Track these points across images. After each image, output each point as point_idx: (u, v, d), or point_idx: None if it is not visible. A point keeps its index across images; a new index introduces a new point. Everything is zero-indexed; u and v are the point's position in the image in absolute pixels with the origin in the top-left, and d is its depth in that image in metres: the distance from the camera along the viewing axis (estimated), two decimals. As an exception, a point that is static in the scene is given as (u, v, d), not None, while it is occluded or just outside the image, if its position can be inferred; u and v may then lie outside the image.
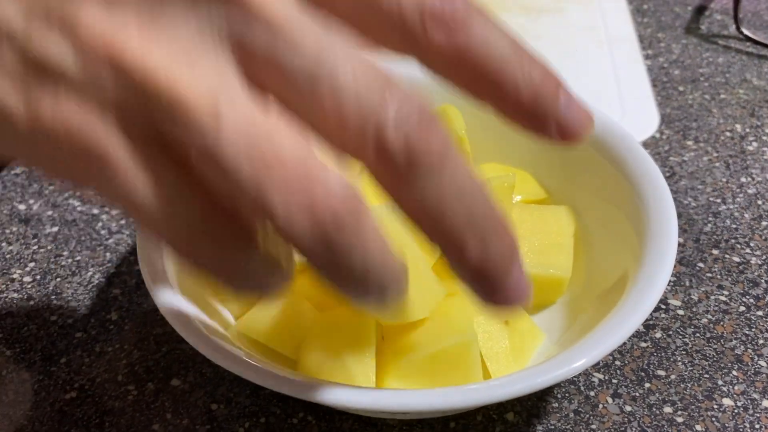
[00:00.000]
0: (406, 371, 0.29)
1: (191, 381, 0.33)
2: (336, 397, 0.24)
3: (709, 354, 0.33)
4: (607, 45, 0.57)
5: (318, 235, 0.17)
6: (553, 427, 0.30)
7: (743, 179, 0.43)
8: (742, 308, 0.35)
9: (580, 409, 0.31)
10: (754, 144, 0.46)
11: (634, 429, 0.30)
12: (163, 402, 0.32)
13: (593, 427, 0.30)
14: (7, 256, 0.40)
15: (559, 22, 0.61)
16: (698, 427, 0.30)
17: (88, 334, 0.35)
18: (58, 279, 0.38)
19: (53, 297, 0.37)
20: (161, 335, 0.35)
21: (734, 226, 0.40)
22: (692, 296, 0.36)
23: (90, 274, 0.39)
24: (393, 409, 0.24)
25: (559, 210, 0.35)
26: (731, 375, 0.32)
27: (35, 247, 0.40)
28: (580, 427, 0.30)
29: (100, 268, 0.39)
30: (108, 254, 0.40)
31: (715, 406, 0.31)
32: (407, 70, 0.38)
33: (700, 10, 0.62)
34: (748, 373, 0.32)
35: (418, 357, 0.29)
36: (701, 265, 0.38)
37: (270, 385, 0.24)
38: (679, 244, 0.39)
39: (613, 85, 0.52)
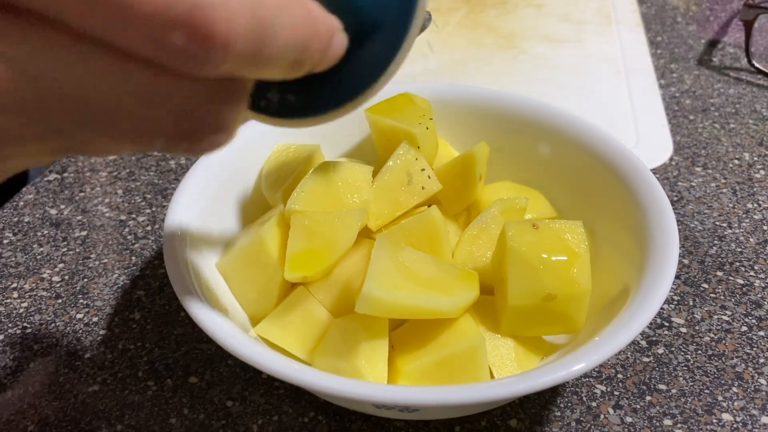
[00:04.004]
0: (416, 376, 0.30)
1: (208, 379, 0.34)
2: (355, 390, 0.25)
3: (710, 371, 0.34)
4: (624, 75, 0.59)
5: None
6: (555, 434, 0.31)
7: (749, 205, 0.44)
8: (744, 328, 0.36)
9: (581, 418, 0.32)
10: (762, 172, 0.47)
11: (634, 439, 0.31)
12: (181, 398, 0.33)
13: (594, 436, 0.31)
14: (38, 256, 0.42)
15: (579, 52, 0.63)
16: (697, 440, 0.31)
17: (111, 332, 0.37)
18: (85, 280, 0.40)
19: (80, 296, 0.39)
20: (181, 335, 0.36)
21: (739, 249, 0.41)
22: (695, 315, 0.37)
23: (116, 276, 0.40)
24: (403, 401, 0.25)
25: (574, 224, 0.35)
26: (731, 391, 0.33)
27: (65, 249, 0.42)
28: (582, 435, 0.31)
29: (126, 271, 0.41)
30: (133, 258, 0.41)
31: (715, 421, 0.32)
32: (412, 86, 0.40)
33: (712, 44, 0.64)
34: (748, 390, 0.33)
35: (427, 362, 0.30)
36: (705, 285, 0.39)
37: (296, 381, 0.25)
38: (684, 265, 0.40)
39: (629, 114, 0.53)
